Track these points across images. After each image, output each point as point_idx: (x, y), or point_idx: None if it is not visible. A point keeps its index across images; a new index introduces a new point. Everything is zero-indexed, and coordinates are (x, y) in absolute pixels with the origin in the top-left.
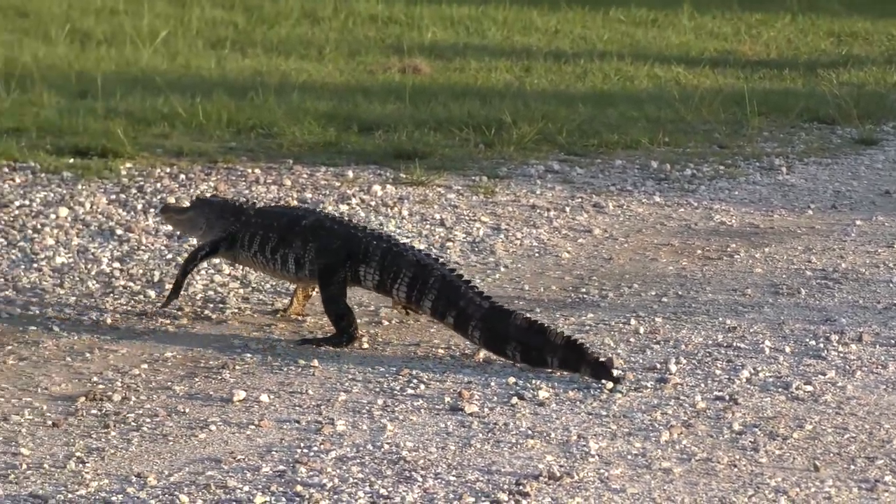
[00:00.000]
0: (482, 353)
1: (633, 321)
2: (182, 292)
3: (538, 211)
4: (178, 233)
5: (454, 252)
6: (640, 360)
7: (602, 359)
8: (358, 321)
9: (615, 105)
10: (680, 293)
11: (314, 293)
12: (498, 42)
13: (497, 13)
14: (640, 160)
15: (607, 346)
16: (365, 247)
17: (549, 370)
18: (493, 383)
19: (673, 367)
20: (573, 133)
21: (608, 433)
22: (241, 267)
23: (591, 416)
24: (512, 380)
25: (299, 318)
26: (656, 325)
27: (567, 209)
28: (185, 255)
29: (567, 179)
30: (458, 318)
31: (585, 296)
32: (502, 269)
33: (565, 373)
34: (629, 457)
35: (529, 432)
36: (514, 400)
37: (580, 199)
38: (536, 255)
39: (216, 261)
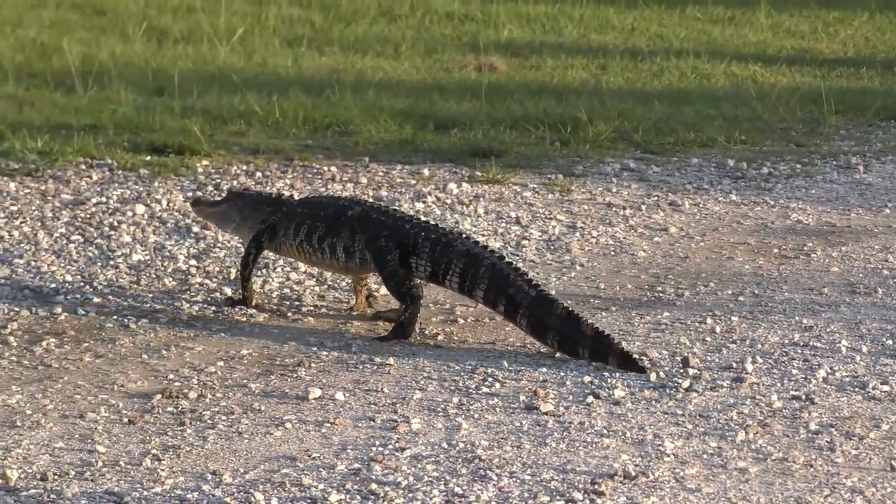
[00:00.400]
0: (557, 353)
1: (709, 320)
2: (258, 290)
3: (614, 209)
4: (212, 226)
5: (530, 250)
6: (716, 360)
7: (628, 350)
8: (434, 319)
9: (692, 103)
10: (756, 292)
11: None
12: (574, 40)
13: (573, 11)
14: (717, 158)
15: (683, 344)
16: (414, 238)
17: (581, 360)
18: (568, 382)
19: (749, 367)
20: (649, 131)
21: (684, 432)
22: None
23: (666, 416)
24: (587, 379)
25: (369, 311)
26: (732, 325)
27: (643, 207)
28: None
29: (643, 178)
30: (508, 306)
31: (661, 294)
32: (578, 268)
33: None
34: (704, 456)
35: (605, 431)
36: (590, 399)
37: (656, 198)
38: (612, 253)
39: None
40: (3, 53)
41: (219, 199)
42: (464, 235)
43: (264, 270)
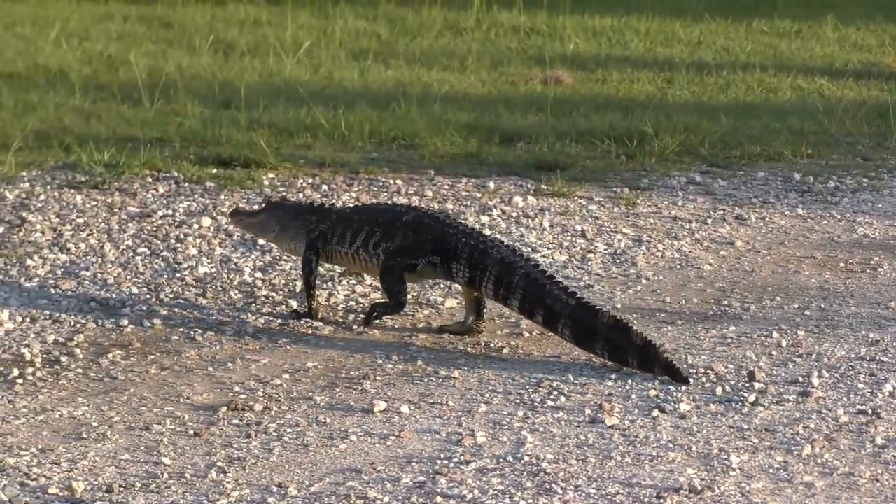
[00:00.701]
0: (623, 366)
1: (775, 334)
2: (323, 303)
3: (680, 223)
4: (250, 236)
5: (595, 264)
6: (782, 374)
7: (674, 361)
8: (499, 332)
9: (758, 116)
10: (822, 306)
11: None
12: (640, 53)
13: (640, 24)
14: (783, 172)
15: (749, 358)
16: (455, 243)
17: (630, 370)
18: (633, 395)
19: (815, 381)
20: (715, 145)
21: (749, 446)
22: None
23: (732, 430)
24: (653, 392)
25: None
26: (798, 339)
27: (709, 221)
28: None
29: (709, 191)
30: (547, 316)
31: (727, 308)
32: (643, 281)
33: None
34: (770, 470)
35: (670, 445)
36: (655, 412)
37: (722, 211)
38: (678, 267)
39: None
40: (71, 66)
41: (257, 209)
42: (505, 244)
43: (329, 283)
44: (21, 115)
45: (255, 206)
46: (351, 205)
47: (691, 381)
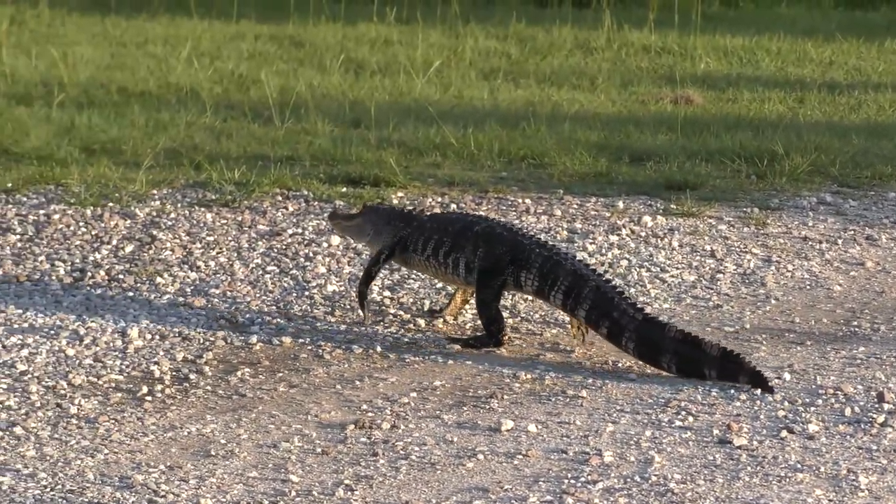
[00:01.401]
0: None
1: None
2: (451, 320)
3: (810, 243)
4: (348, 239)
5: (724, 284)
6: None
7: (759, 369)
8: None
9: (889, 137)
10: None
11: (471, 298)
12: (771, 73)
13: (771, 44)
14: None
15: (878, 379)
16: (528, 253)
17: (707, 381)
18: (762, 416)
19: None
20: (846, 165)
21: (878, 468)
22: (414, 272)
23: (861, 451)
24: (781, 413)
25: (451, 319)
26: None
27: (839, 241)
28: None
29: (840, 212)
30: (612, 329)
31: (857, 329)
32: (773, 302)
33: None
34: None
35: (798, 466)
36: (784, 433)
37: (853, 232)
38: (808, 287)
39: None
40: (202, 85)
41: (355, 212)
42: (578, 258)
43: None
44: (152, 133)
45: (353, 210)
46: (432, 213)
47: (776, 390)
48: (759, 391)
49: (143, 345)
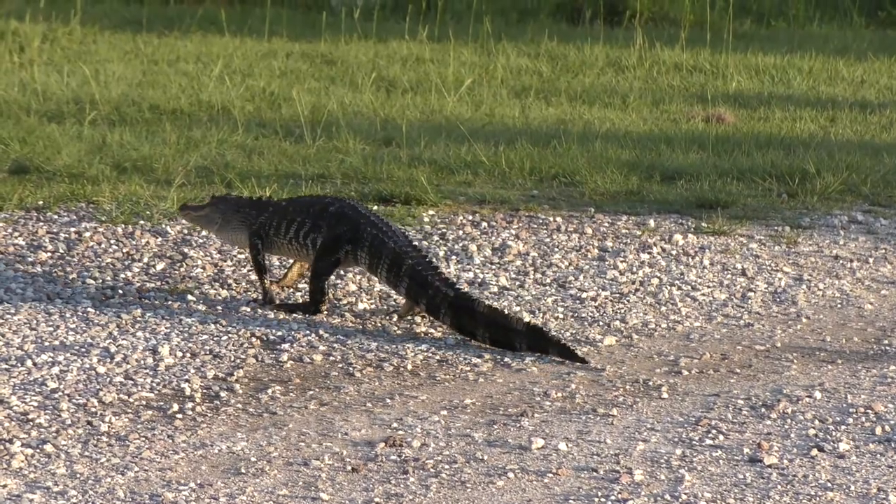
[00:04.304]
0: (782, 405)
1: None
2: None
3: (841, 262)
4: (198, 229)
5: (755, 302)
6: None
7: (566, 342)
8: (657, 370)
9: None
10: None
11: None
12: (803, 92)
13: (803, 63)
14: None
15: None
16: (362, 232)
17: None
18: (792, 434)
19: None
20: (878, 184)
21: None
22: (274, 257)
23: (891, 469)
24: (812, 431)
25: (288, 289)
26: None
27: (870, 260)
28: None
29: (871, 230)
30: (430, 304)
31: (888, 348)
32: (804, 320)
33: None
34: None
35: (829, 485)
36: (814, 452)
37: (884, 251)
38: (839, 306)
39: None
40: (234, 103)
41: (204, 203)
42: (406, 236)
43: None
44: (184, 151)
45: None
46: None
47: (589, 361)
48: (572, 365)
49: (174, 362)
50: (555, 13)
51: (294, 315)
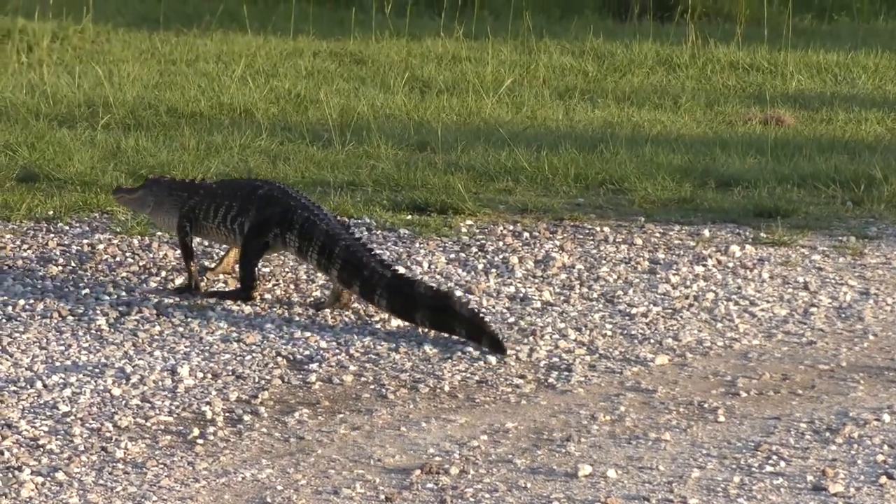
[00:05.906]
0: (847, 429)
1: None
2: (525, 358)
3: None
4: (132, 211)
5: (818, 318)
6: None
7: (499, 335)
8: (713, 391)
9: None
10: None
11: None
12: (868, 91)
13: (868, 60)
14: None
15: None
16: (291, 214)
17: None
18: (859, 461)
19: None
20: None
21: None
22: (209, 243)
23: None
24: (880, 457)
25: (224, 276)
26: None
27: None
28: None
29: None
30: (364, 287)
31: None
32: (871, 337)
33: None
34: None
35: None
36: (883, 479)
37: None
38: None
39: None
40: (257, 105)
41: (137, 186)
42: (336, 219)
43: (531, 337)
44: (204, 156)
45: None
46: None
47: (509, 351)
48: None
49: (194, 384)
50: (600, 8)
51: (226, 302)
